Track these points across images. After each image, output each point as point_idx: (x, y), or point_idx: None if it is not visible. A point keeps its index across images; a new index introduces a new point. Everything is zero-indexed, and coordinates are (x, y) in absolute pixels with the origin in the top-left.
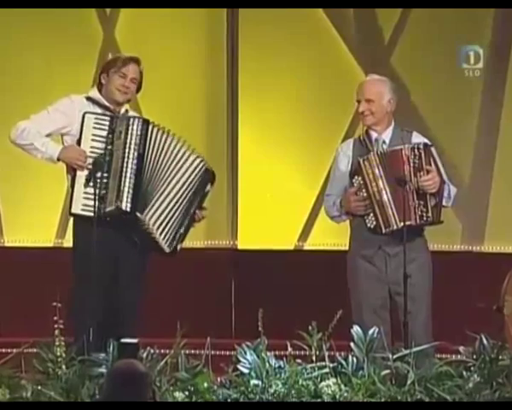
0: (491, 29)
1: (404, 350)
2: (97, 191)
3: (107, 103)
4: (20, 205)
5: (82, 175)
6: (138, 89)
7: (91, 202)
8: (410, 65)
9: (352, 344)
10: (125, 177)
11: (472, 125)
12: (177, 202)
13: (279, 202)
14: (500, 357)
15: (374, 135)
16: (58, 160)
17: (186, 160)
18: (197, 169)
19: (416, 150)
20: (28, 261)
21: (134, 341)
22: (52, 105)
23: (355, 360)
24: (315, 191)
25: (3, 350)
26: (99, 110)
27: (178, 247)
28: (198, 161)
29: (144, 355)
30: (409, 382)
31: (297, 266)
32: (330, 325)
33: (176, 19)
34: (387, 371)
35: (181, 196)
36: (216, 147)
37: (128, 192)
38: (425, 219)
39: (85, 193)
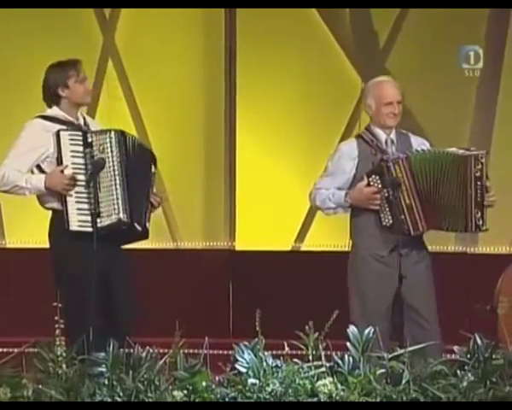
0: (487, 29)
1: (399, 350)
2: (91, 206)
3: (70, 118)
4: (21, 206)
5: (72, 192)
6: None
7: (87, 218)
8: (405, 67)
9: (348, 344)
10: (117, 188)
11: (469, 126)
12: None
13: (276, 203)
14: (494, 356)
15: (383, 136)
16: (46, 189)
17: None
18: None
19: (480, 158)
20: (30, 262)
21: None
22: (18, 141)
23: (351, 359)
24: None
25: (5, 350)
26: (63, 127)
27: (147, 225)
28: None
29: (143, 355)
30: (404, 381)
31: (294, 266)
32: (327, 324)
33: (174, 20)
34: (383, 371)
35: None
36: (214, 148)
37: (123, 203)
38: (480, 228)
39: (79, 209)
